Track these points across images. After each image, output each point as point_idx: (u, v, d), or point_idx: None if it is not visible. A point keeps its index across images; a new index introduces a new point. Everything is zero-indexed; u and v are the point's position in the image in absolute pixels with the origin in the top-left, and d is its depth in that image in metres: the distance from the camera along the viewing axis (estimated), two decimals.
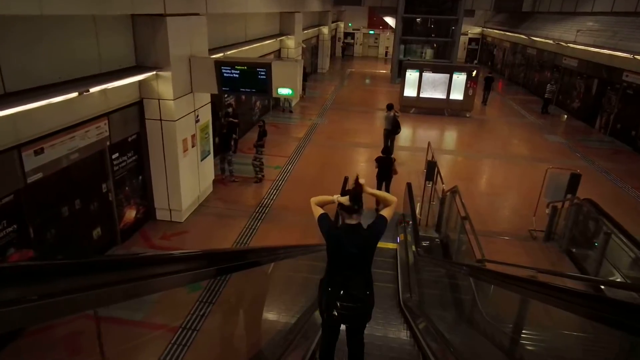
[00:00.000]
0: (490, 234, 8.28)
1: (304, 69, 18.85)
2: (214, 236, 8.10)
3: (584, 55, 17.38)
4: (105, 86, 5.99)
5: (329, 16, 27.58)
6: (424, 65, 18.55)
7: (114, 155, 7.05)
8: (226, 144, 10.23)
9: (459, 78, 17.59)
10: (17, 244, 5.17)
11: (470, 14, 25.72)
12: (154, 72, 7.16)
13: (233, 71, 7.81)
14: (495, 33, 32.05)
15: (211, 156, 9.44)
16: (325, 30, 27.07)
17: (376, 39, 38.90)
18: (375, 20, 36.17)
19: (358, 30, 38.48)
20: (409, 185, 8.33)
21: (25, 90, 4.93)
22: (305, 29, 20.55)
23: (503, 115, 19.29)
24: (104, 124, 6.53)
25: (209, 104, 9.04)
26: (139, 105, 7.51)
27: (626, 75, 14.61)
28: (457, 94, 17.77)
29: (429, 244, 7.90)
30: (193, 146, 8.45)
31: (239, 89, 8.03)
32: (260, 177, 10.49)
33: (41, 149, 5.29)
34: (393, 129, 12.30)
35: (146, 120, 7.64)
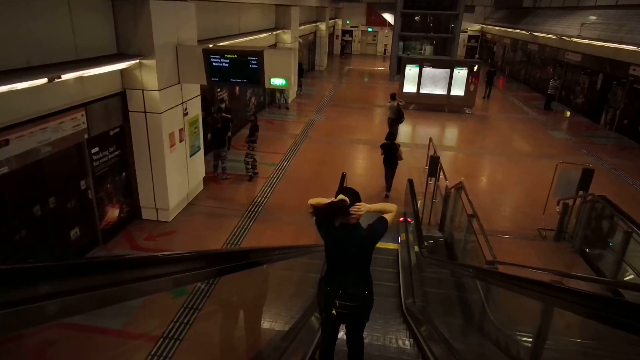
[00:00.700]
0: (495, 233, 7.79)
1: (300, 64, 18.38)
2: (203, 236, 7.60)
3: (589, 50, 16.93)
4: (80, 73, 5.48)
5: (326, 12, 27.12)
6: (424, 60, 18.07)
7: (94, 150, 6.53)
8: (221, 140, 9.71)
9: (460, 73, 17.12)
10: None
11: (470, 10, 25.29)
12: (137, 61, 6.66)
13: (223, 60, 7.32)
14: (495, 30, 31.62)
15: (201, 152, 8.94)
16: (323, 26, 26.59)
17: (374, 36, 38.42)
18: (373, 18, 35.73)
19: (356, 27, 37.97)
20: (410, 182, 7.84)
21: None
22: (302, 24, 20.07)
23: (505, 112, 18.83)
24: (80, 115, 6.02)
25: (199, 97, 8.54)
26: (122, 96, 7.00)
27: (633, 69, 14.14)
28: (458, 90, 17.29)
29: (432, 244, 7.41)
30: (181, 141, 7.95)
31: (229, 80, 7.54)
32: (252, 175, 9.99)
33: (6, 141, 4.78)
34: (397, 118, 12.72)
35: (130, 113, 7.14)
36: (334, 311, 2.88)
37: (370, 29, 37.90)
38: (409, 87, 17.53)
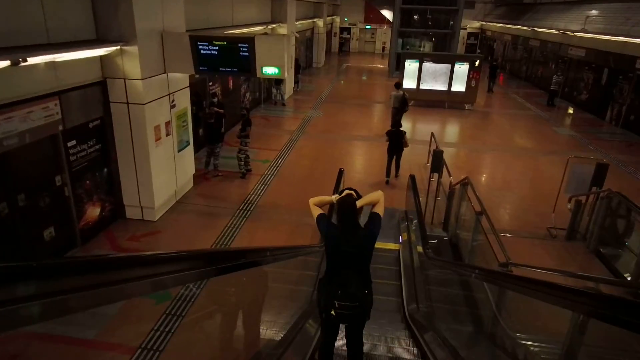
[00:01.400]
0: (501, 232, 7.29)
1: (296, 60, 17.88)
2: (191, 236, 7.10)
3: (593, 44, 16.47)
4: (50, 57, 4.99)
5: (324, 9, 26.64)
6: (424, 55, 17.59)
7: (70, 143, 6.03)
8: (215, 136, 9.20)
9: (461, 68, 16.64)
10: None
11: (470, 6, 24.82)
12: (118, 47, 6.17)
13: (211, 47, 6.84)
14: (495, 27, 31.15)
15: (191, 147, 8.45)
16: (321, 23, 26.10)
17: (373, 34, 37.93)
18: (371, 16, 35.25)
19: (354, 25, 37.48)
20: (412, 178, 7.35)
21: None
22: (300, 20, 19.56)
23: (507, 108, 18.36)
24: (54, 105, 5.51)
25: (188, 89, 8.05)
26: (102, 85, 6.50)
27: None
28: (459, 86, 16.81)
29: (437, 243, 6.92)
30: (168, 135, 7.45)
31: (218, 69, 7.05)
32: (245, 172, 9.49)
33: None
34: (401, 106, 12.74)
35: (111, 104, 6.64)
36: (334, 312, 2.87)
37: (368, 27, 37.41)
38: (409, 83, 17.01)
